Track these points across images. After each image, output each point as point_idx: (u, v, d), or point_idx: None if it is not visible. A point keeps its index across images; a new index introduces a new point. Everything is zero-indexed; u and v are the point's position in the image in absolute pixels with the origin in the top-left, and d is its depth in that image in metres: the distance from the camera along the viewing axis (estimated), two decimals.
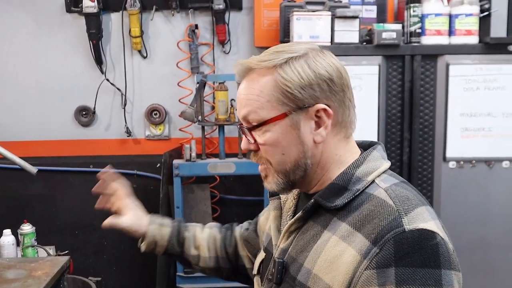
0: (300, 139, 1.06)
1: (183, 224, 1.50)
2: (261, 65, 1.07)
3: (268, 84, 1.06)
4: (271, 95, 1.05)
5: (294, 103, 1.05)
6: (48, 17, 3.34)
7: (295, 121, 1.05)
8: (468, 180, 2.81)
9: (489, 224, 2.83)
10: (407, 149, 2.80)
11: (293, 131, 1.06)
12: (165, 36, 3.37)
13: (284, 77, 1.05)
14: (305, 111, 1.05)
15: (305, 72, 1.04)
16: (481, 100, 2.76)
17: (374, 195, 1.03)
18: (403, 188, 1.05)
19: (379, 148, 1.14)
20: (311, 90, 1.04)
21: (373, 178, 1.07)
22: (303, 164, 1.08)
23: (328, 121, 1.05)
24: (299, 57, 1.06)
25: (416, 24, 2.78)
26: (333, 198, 1.05)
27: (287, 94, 1.04)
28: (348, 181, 1.06)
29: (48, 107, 3.41)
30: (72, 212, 3.48)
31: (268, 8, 3.22)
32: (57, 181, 3.44)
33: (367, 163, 1.08)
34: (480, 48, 2.75)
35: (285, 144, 1.07)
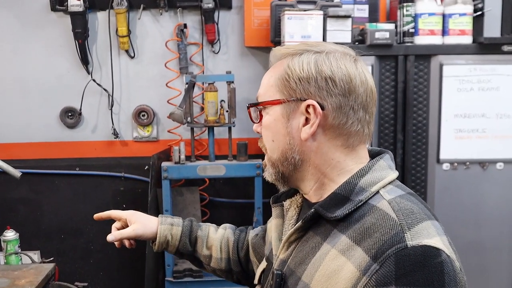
0: (287, 130, 1.06)
1: (195, 223, 1.48)
2: (286, 51, 1.09)
3: (278, 70, 1.08)
4: (276, 80, 1.07)
5: (288, 92, 1.05)
6: (32, 16, 3.26)
7: (286, 111, 1.06)
8: (462, 182, 2.79)
9: (483, 226, 2.81)
10: (400, 150, 2.76)
11: (283, 120, 1.06)
12: (153, 36, 3.30)
13: (289, 65, 1.05)
14: (297, 104, 1.04)
15: (308, 65, 1.04)
16: (475, 101, 2.73)
17: (377, 207, 0.98)
18: (409, 201, 0.99)
19: (386, 157, 1.09)
20: (307, 84, 1.03)
21: (377, 188, 1.02)
22: (290, 158, 1.07)
23: (316, 119, 1.03)
24: (315, 52, 1.05)
25: (409, 23, 2.74)
26: (334, 209, 1.01)
27: (285, 83, 1.05)
28: (351, 191, 1.01)
29: (32, 108, 3.33)
30: (58, 216, 3.41)
31: (258, 7, 3.17)
32: (42, 184, 3.37)
33: (372, 173, 1.03)
34: (474, 48, 2.72)
35: (275, 131, 1.08)
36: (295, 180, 1.11)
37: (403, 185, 1.07)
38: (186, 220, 1.47)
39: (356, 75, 1.03)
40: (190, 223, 1.46)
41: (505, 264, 2.83)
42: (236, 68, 3.26)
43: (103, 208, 3.30)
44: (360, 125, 1.05)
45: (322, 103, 1.02)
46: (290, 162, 1.07)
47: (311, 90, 1.03)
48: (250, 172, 3.02)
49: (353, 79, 1.03)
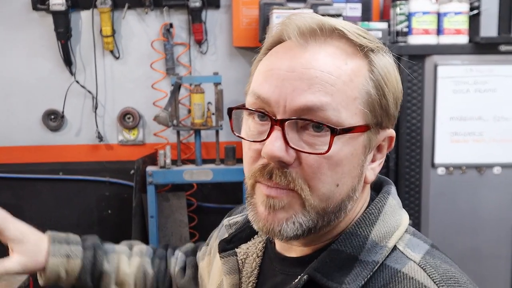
0: (362, 170, 0.74)
1: (101, 251, 1.12)
2: (357, 39, 0.72)
3: (363, 73, 0.70)
4: (360, 91, 0.70)
5: (380, 115, 0.72)
6: (12, 15, 3.15)
7: (369, 142, 0.73)
8: (458, 187, 2.69)
9: (480, 232, 2.72)
10: (393, 155, 2.67)
11: (361, 155, 0.73)
12: (139, 36, 3.20)
13: (381, 72, 0.71)
14: (379, 133, 0.74)
15: (397, 77, 0.74)
16: (471, 103, 2.64)
17: (406, 274, 0.70)
18: (444, 262, 0.73)
19: (393, 191, 0.81)
20: (394, 106, 0.74)
21: (395, 242, 0.74)
22: (343, 207, 0.74)
23: (384, 154, 0.77)
24: (387, 51, 0.76)
25: (402, 22, 2.65)
26: (339, 276, 0.70)
27: (377, 99, 0.71)
28: (360, 247, 0.72)
29: (13, 110, 3.23)
30: (40, 222, 3.23)
31: (247, 6, 3.07)
32: (24, 189, 3.26)
33: (384, 219, 0.75)
34: (470, 48, 2.63)
35: (346, 171, 0.71)
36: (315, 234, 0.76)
37: (417, 231, 0.81)
38: (88, 247, 1.10)
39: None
40: (92, 253, 1.09)
41: (502, 271, 2.74)
42: (225, 68, 3.16)
43: (87, 214, 3.27)
44: None
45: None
46: (338, 214, 0.74)
47: (395, 114, 0.74)
48: (238, 177, 2.91)
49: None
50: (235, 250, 0.85)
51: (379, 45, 0.73)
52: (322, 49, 0.70)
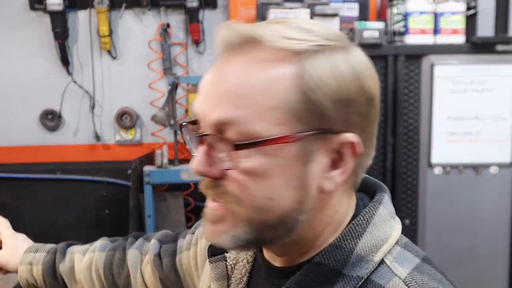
0: (302, 181, 0.66)
1: (60, 253, 1.15)
2: (278, 43, 0.64)
3: (285, 80, 0.63)
4: (282, 99, 0.63)
5: (319, 121, 0.64)
6: (9, 15, 3.14)
7: (305, 152, 0.65)
8: (455, 187, 2.69)
9: (477, 233, 2.72)
10: (390, 154, 2.67)
11: (297, 166, 0.65)
12: (136, 36, 3.20)
13: (313, 75, 0.63)
14: (327, 139, 0.66)
15: (348, 76, 0.65)
16: (468, 103, 2.64)
17: None
18: (432, 278, 0.69)
19: (385, 199, 0.74)
20: (348, 109, 0.65)
21: (382, 256, 0.69)
22: (291, 220, 0.67)
23: (351, 162, 0.67)
24: (338, 48, 0.66)
25: (399, 22, 2.65)
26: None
27: (309, 105, 0.63)
28: (344, 261, 0.67)
29: (10, 110, 3.22)
30: (38, 222, 3.30)
31: (244, 5, 3.06)
32: (21, 189, 3.25)
33: (372, 230, 0.69)
34: (466, 47, 2.63)
35: (280, 184, 0.65)
36: (275, 244, 0.72)
37: (410, 242, 0.75)
38: (50, 252, 1.15)
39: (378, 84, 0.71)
40: (53, 256, 1.14)
41: (500, 272, 2.74)
42: None
43: (85, 214, 3.27)
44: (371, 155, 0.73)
45: (361, 137, 0.68)
46: (287, 227, 0.68)
47: (351, 119, 0.66)
48: None
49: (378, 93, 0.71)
50: (225, 255, 0.81)
51: (324, 43, 0.65)
52: (236, 60, 0.66)
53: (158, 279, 1.05)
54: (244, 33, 0.65)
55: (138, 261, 1.08)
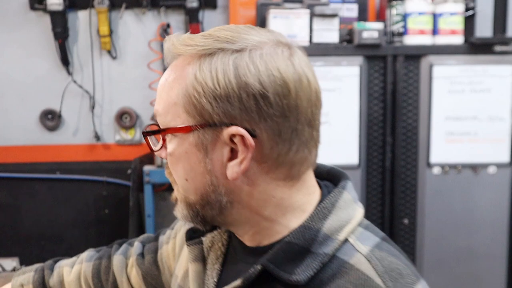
0: (206, 167, 0.76)
1: (48, 270, 1.19)
2: (186, 51, 0.77)
3: (182, 81, 0.75)
4: (181, 97, 0.75)
5: (201, 115, 0.74)
6: (10, 15, 3.15)
7: (202, 141, 0.75)
8: (453, 186, 2.70)
9: (475, 232, 2.73)
10: (389, 154, 2.68)
11: (198, 154, 0.76)
12: (136, 36, 3.21)
13: (198, 77, 0.74)
14: (217, 132, 0.74)
15: (226, 76, 0.73)
16: (467, 103, 2.65)
17: (352, 265, 0.74)
18: (391, 254, 0.76)
19: (349, 185, 0.82)
20: (227, 105, 0.73)
21: (346, 235, 0.76)
22: (214, 201, 0.77)
23: (246, 153, 0.74)
24: (233, 51, 0.74)
25: (398, 23, 2.67)
26: (291, 267, 0.74)
27: (194, 102, 0.74)
28: (312, 240, 0.75)
29: (10, 110, 3.23)
30: (38, 221, 3.31)
31: (244, 6, 3.07)
32: (21, 189, 3.26)
33: (337, 213, 0.77)
34: (465, 48, 2.64)
35: (188, 168, 0.77)
36: (222, 223, 0.82)
37: (371, 224, 0.83)
38: (38, 270, 1.19)
39: (296, 81, 0.74)
40: (41, 274, 1.18)
41: (498, 271, 2.75)
42: None
43: (84, 214, 3.27)
44: (307, 148, 0.77)
45: (253, 130, 0.73)
46: (214, 206, 0.78)
47: (234, 113, 0.73)
48: None
49: (292, 89, 0.73)
50: (201, 238, 0.89)
51: (218, 47, 0.74)
52: (169, 67, 0.80)
53: (141, 277, 1.11)
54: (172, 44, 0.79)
55: (123, 265, 1.13)
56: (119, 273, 1.13)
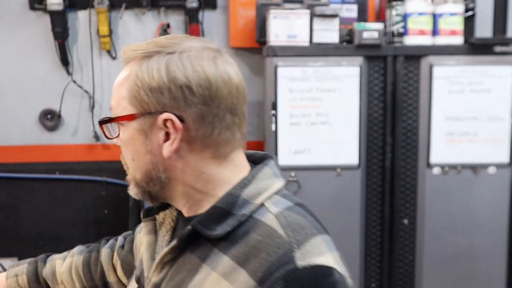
0: (147, 148, 0.93)
1: (41, 262, 1.31)
2: (132, 55, 0.94)
3: (128, 79, 0.93)
4: (126, 91, 0.93)
5: (141, 105, 0.91)
6: (9, 15, 3.14)
7: (142, 127, 0.92)
8: (453, 187, 2.71)
9: (475, 233, 2.73)
10: (389, 154, 2.68)
11: (140, 137, 0.93)
12: (136, 36, 3.20)
13: (138, 74, 0.91)
14: (154, 118, 0.91)
15: (159, 72, 0.90)
16: (467, 103, 2.66)
17: (263, 222, 0.88)
18: (298, 214, 0.91)
19: (271, 163, 0.98)
20: (160, 95, 0.89)
21: (263, 200, 0.91)
22: (155, 177, 0.94)
23: (176, 135, 0.90)
24: (167, 54, 0.91)
25: (398, 23, 2.67)
26: (214, 225, 0.89)
27: (136, 94, 0.91)
28: (233, 204, 0.90)
29: (10, 110, 3.22)
30: (37, 221, 3.30)
31: (244, 6, 3.07)
32: (20, 189, 3.25)
33: (256, 183, 0.93)
34: (465, 49, 2.64)
35: (134, 150, 0.94)
36: (165, 198, 0.98)
37: (290, 194, 0.97)
38: (31, 262, 1.31)
39: (217, 76, 0.90)
40: (35, 265, 1.30)
41: (497, 272, 2.75)
42: None
43: (83, 214, 3.27)
44: (230, 131, 0.93)
45: (181, 115, 0.89)
46: (156, 182, 0.94)
47: (165, 102, 0.89)
48: None
49: (213, 82, 0.90)
50: (155, 216, 1.05)
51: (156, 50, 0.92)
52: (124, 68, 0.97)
53: (121, 267, 1.24)
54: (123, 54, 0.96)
55: (110, 258, 1.27)
56: (106, 265, 1.27)
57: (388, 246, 2.75)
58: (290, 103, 2.63)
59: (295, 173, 2.66)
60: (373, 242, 2.77)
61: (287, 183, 0.99)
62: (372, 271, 2.79)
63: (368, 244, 2.77)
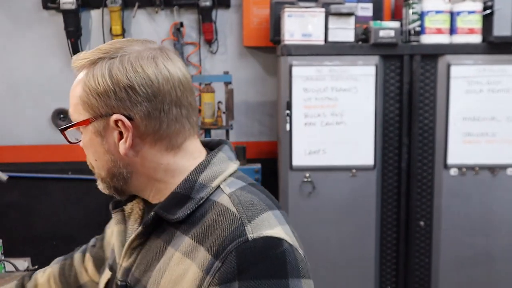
0: (105, 148, 1.00)
1: (27, 277, 1.38)
2: (79, 63, 1.01)
3: (79, 85, 0.99)
4: (78, 98, 0.99)
5: (93, 110, 0.97)
6: (23, 14, 3.15)
7: (97, 129, 0.99)
8: (471, 188, 2.66)
9: (493, 235, 2.68)
10: (405, 155, 2.64)
11: (98, 139, 1.00)
12: (149, 35, 3.18)
13: (85, 81, 0.98)
14: (106, 120, 0.97)
15: (103, 77, 0.96)
16: (485, 103, 2.61)
17: (218, 202, 0.96)
18: (249, 192, 0.98)
19: (225, 148, 1.06)
20: (107, 98, 0.96)
21: (218, 183, 0.99)
22: (118, 173, 1.01)
23: (128, 133, 0.97)
24: (109, 59, 0.97)
25: (415, 22, 2.62)
26: (175, 210, 0.97)
27: (86, 100, 0.98)
28: (191, 188, 0.98)
29: (22, 110, 3.22)
30: (50, 221, 3.30)
31: (257, 5, 3.05)
32: (33, 188, 3.26)
33: (211, 167, 1.00)
34: (483, 47, 2.60)
35: (94, 151, 1.01)
36: (131, 190, 1.06)
37: (245, 175, 1.04)
38: (20, 278, 1.39)
39: (157, 74, 0.96)
40: (21, 280, 1.37)
41: None
42: (235, 68, 3.14)
43: (96, 213, 3.25)
44: (178, 123, 0.99)
45: (129, 115, 0.96)
46: (119, 178, 1.02)
47: (113, 104, 0.96)
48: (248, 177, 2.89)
49: (154, 80, 0.96)
50: (123, 207, 1.11)
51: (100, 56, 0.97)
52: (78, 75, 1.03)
53: (93, 264, 1.31)
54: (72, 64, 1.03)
55: (81, 260, 1.34)
56: (78, 267, 1.34)
57: (404, 249, 2.71)
58: (305, 102, 2.60)
59: (310, 174, 2.62)
60: (388, 244, 2.73)
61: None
62: (388, 273, 2.75)
63: (383, 246, 2.73)
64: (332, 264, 2.69)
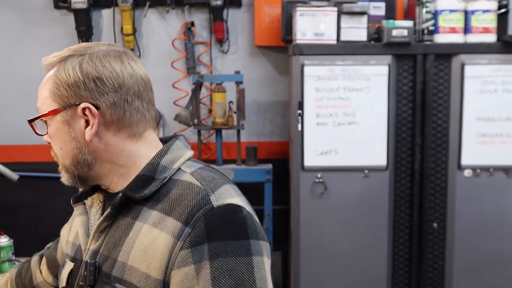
0: (72, 135, 1.09)
1: None
2: (50, 60, 1.11)
3: (49, 81, 1.10)
4: (48, 91, 1.09)
5: (63, 100, 1.08)
6: (34, 13, 3.15)
7: (65, 118, 1.09)
8: (485, 189, 2.63)
9: (507, 237, 2.65)
10: (419, 156, 2.61)
11: (65, 127, 1.09)
12: (159, 34, 3.18)
13: (56, 74, 1.08)
14: (74, 109, 1.08)
15: (74, 70, 1.07)
16: (499, 103, 2.58)
17: (181, 180, 1.08)
18: (208, 171, 1.11)
19: (181, 138, 1.18)
20: (77, 89, 1.07)
21: (178, 165, 1.11)
22: (82, 160, 1.10)
23: (94, 120, 1.07)
24: (79, 56, 1.08)
25: (428, 21, 2.60)
26: (141, 189, 1.07)
27: (56, 92, 1.08)
28: (154, 170, 1.09)
29: (33, 109, 3.19)
30: (60, 221, 3.23)
31: (269, 4, 3.03)
32: (43, 188, 3.25)
33: (171, 153, 1.12)
34: (498, 47, 2.56)
35: (60, 140, 1.11)
36: (94, 178, 1.14)
37: (199, 160, 1.18)
38: None
39: (123, 69, 1.08)
40: None
41: None
42: (246, 68, 3.12)
43: None
44: (139, 113, 1.10)
45: (96, 103, 1.07)
46: (83, 164, 1.11)
47: (82, 94, 1.07)
48: (259, 177, 2.88)
49: (119, 74, 1.07)
50: (84, 201, 1.21)
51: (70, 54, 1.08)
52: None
53: (46, 266, 1.39)
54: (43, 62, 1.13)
55: (37, 262, 1.43)
56: (34, 268, 1.43)
57: (417, 250, 2.67)
58: (317, 102, 2.58)
59: (322, 174, 2.60)
60: (401, 246, 2.70)
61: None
62: (400, 275, 2.72)
63: (396, 248, 2.69)
64: (344, 265, 2.67)
